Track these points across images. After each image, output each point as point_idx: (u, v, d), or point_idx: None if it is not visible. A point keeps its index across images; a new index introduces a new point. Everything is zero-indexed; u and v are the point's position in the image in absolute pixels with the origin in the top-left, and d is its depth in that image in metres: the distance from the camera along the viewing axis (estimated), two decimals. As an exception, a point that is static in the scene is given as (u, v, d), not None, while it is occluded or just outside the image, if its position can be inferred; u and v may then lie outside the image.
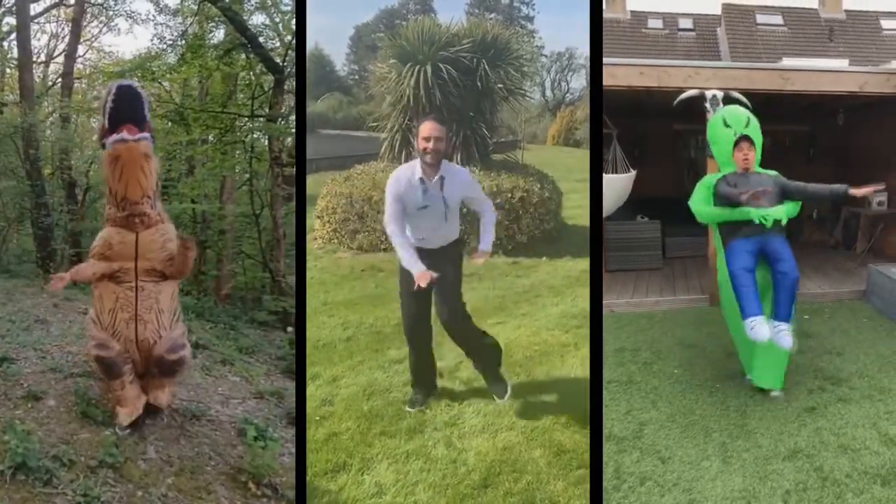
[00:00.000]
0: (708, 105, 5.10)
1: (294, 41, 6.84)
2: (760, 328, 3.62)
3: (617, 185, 5.58)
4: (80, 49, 9.20)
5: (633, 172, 5.77)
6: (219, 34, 7.85)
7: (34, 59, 8.56)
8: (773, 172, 3.94)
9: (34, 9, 8.51)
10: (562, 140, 21.27)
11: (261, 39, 7.02)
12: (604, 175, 5.53)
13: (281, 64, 6.91)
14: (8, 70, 8.89)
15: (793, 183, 3.88)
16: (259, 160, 7.77)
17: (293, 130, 7.22)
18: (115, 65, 8.73)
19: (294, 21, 7.05)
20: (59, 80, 8.95)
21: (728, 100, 5.06)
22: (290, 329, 6.20)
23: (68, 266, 7.81)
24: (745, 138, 3.87)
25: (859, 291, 5.77)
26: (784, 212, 3.77)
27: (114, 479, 2.75)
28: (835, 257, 7.20)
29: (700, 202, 3.97)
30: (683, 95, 5.15)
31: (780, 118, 4.25)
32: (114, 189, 3.14)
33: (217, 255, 8.45)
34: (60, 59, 9.21)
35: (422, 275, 3.33)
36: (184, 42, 7.44)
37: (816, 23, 12.26)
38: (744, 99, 4.92)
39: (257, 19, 7.46)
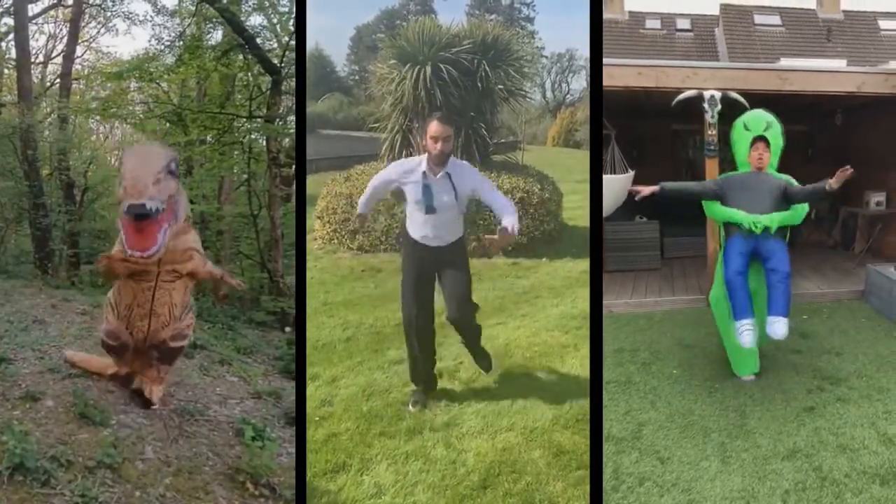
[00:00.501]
0: (706, 105, 5.11)
1: (292, 42, 6.85)
2: (747, 335, 3.75)
3: (615, 186, 5.57)
4: (79, 50, 9.19)
5: (631, 173, 5.76)
6: (217, 35, 7.86)
7: (32, 59, 8.55)
8: (784, 177, 4.00)
9: (32, 9, 8.51)
10: (562, 141, 21.27)
11: (258, 40, 7.03)
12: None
13: (278, 65, 6.91)
14: (6, 71, 8.87)
15: (797, 187, 3.95)
16: (257, 161, 7.77)
17: (291, 131, 7.22)
18: (113, 65, 8.72)
19: (291, 22, 7.06)
20: (58, 80, 8.94)
21: (726, 100, 5.07)
22: (287, 329, 6.20)
23: (67, 267, 7.84)
24: (761, 139, 4.00)
25: (858, 291, 5.78)
26: (776, 220, 3.87)
27: (112, 480, 2.74)
28: (833, 257, 7.20)
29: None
30: (682, 96, 5.15)
31: (778, 118, 4.34)
32: None
33: (215, 255, 8.43)
34: (59, 59, 9.20)
35: (359, 218, 3.85)
36: (181, 43, 7.44)
37: (814, 23, 12.28)
38: (742, 99, 4.93)
39: (255, 20, 7.47)
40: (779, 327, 3.77)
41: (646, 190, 4.05)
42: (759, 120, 4.09)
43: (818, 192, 3.90)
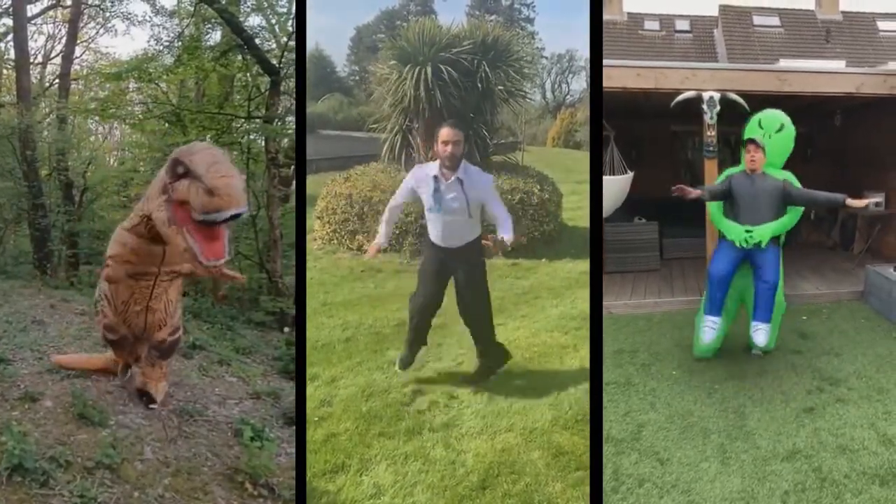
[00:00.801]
0: (705, 107, 5.10)
1: (291, 42, 6.85)
2: (708, 332, 4.05)
3: (614, 187, 5.57)
4: (77, 50, 9.20)
5: (630, 174, 5.76)
6: (215, 36, 7.85)
7: (31, 60, 8.56)
8: (782, 176, 4.01)
9: (31, 10, 8.52)
10: (562, 142, 21.26)
11: (257, 41, 7.03)
12: (600, 176, 5.54)
13: (277, 65, 6.91)
14: (5, 71, 8.88)
15: (798, 189, 3.96)
16: (255, 161, 7.76)
17: (289, 131, 7.21)
18: (111, 66, 8.71)
19: (290, 22, 7.06)
20: (57, 81, 8.96)
21: (725, 101, 5.08)
22: (286, 329, 6.20)
23: (66, 268, 7.84)
24: (752, 141, 4.04)
25: (857, 292, 5.78)
26: (768, 233, 3.93)
27: (111, 480, 2.74)
28: (832, 258, 7.20)
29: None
30: (680, 97, 5.14)
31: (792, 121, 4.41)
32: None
33: (214, 256, 8.42)
34: (57, 60, 9.21)
35: (375, 246, 3.87)
36: (180, 43, 7.44)
37: (813, 24, 12.28)
38: (741, 100, 4.93)
39: (254, 21, 7.47)
40: (760, 334, 3.97)
41: (692, 193, 4.05)
42: (773, 120, 4.14)
43: (833, 202, 4.02)
